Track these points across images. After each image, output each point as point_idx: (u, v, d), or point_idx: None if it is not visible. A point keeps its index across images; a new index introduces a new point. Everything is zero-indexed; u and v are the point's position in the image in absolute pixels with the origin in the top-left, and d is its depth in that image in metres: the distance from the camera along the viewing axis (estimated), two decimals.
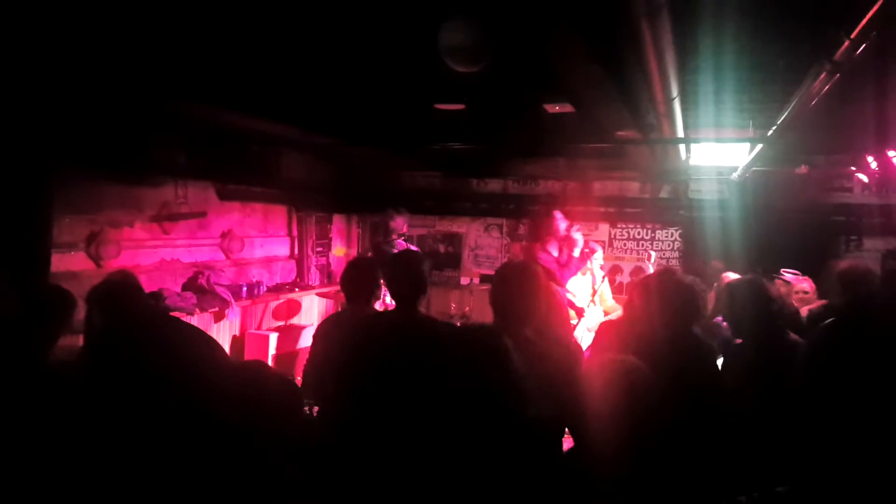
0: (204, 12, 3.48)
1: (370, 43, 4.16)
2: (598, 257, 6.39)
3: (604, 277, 6.47)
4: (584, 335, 5.59)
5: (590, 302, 6.14)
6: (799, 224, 7.33)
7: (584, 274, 6.22)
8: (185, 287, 6.61)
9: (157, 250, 6.60)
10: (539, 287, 2.79)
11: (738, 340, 3.38)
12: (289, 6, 3.38)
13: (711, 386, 2.92)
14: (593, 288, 6.28)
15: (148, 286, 5.07)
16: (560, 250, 6.28)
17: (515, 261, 5.35)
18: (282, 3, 3.30)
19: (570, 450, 2.21)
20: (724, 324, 3.93)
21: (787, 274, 5.01)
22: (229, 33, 3.83)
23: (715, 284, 5.59)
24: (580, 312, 5.83)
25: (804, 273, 5.27)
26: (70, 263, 5.64)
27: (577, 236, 6.35)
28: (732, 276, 4.16)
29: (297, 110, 5.70)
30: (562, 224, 6.38)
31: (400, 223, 6.96)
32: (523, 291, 2.74)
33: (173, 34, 3.76)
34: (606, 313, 6.23)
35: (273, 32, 3.92)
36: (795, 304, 4.64)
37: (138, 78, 4.29)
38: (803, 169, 7.40)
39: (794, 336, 3.20)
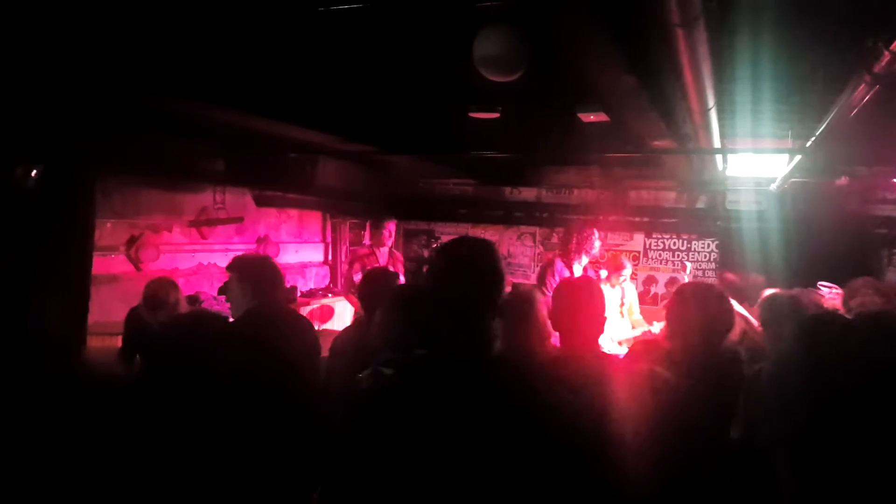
0: (243, 21, 3.55)
1: (406, 51, 4.20)
2: (627, 273, 6.25)
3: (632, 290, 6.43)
4: (609, 346, 5.48)
5: (618, 313, 6.10)
6: (839, 236, 7.16)
7: (612, 286, 6.14)
8: (221, 291, 6.71)
9: (194, 254, 6.74)
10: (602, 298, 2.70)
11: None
12: (325, 16, 3.43)
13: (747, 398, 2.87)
14: (622, 300, 6.24)
15: (185, 290, 5.18)
16: (587, 271, 5.89)
17: (579, 278, 5.11)
18: (318, 14, 3.35)
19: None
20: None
21: (824, 288, 4.90)
22: (268, 42, 3.91)
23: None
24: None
25: (842, 287, 5.14)
26: (111, 266, 5.80)
27: (625, 262, 6.19)
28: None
29: (333, 118, 5.76)
30: (597, 243, 5.91)
31: (387, 235, 6.50)
32: (593, 305, 2.63)
33: (214, 42, 3.84)
34: (633, 326, 6.19)
35: (310, 42, 3.98)
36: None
37: (179, 85, 4.38)
38: (844, 180, 7.24)
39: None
